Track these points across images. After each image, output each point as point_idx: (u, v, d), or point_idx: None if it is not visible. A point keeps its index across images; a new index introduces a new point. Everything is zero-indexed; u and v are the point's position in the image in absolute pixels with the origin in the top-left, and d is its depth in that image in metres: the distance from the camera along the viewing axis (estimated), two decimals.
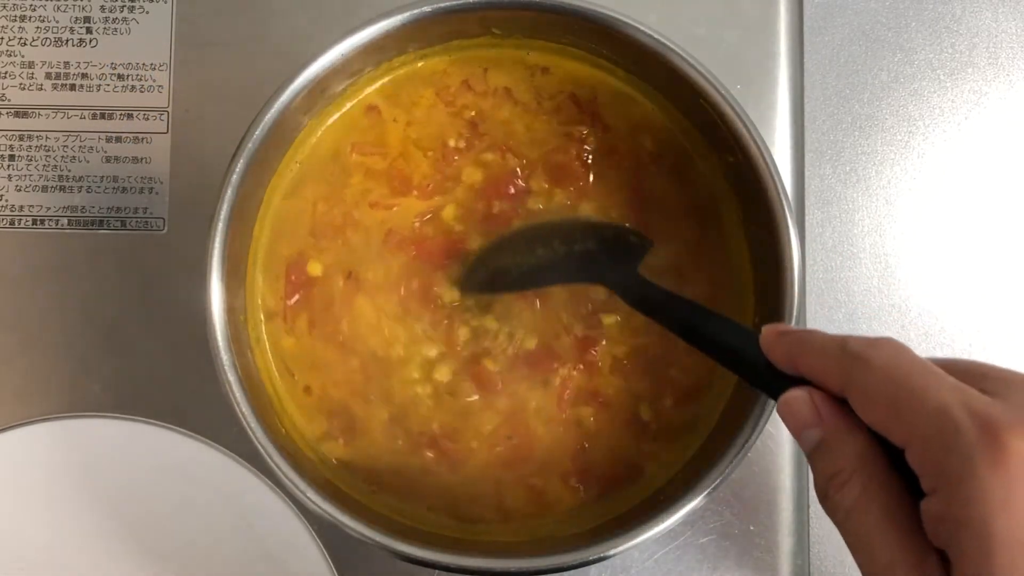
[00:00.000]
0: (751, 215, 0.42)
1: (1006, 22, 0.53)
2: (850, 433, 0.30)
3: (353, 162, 0.43)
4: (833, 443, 0.30)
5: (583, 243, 0.42)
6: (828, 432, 0.30)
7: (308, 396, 0.42)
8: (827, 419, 0.31)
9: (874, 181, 0.52)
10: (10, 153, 0.47)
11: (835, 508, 0.30)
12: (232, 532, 0.45)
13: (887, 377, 0.29)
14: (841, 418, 0.30)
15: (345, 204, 0.43)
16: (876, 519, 0.29)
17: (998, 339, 0.51)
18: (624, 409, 0.42)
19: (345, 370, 0.42)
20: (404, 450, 0.42)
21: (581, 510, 0.42)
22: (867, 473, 0.29)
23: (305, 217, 0.43)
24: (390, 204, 0.43)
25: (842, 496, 0.30)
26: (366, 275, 0.43)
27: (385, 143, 0.43)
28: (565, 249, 0.42)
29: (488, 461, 0.42)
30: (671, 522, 0.38)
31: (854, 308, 0.51)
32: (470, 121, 0.44)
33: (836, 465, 0.30)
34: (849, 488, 0.29)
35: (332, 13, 0.47)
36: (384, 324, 0.42)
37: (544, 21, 0.41)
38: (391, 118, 0.44)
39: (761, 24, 0.48)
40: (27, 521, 0.45)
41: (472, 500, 0.42)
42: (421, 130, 0.44)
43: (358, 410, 0.42)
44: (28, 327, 0.46)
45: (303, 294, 0.43)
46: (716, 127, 0.40)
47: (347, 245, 0.43)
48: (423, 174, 0.43)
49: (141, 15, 0.48)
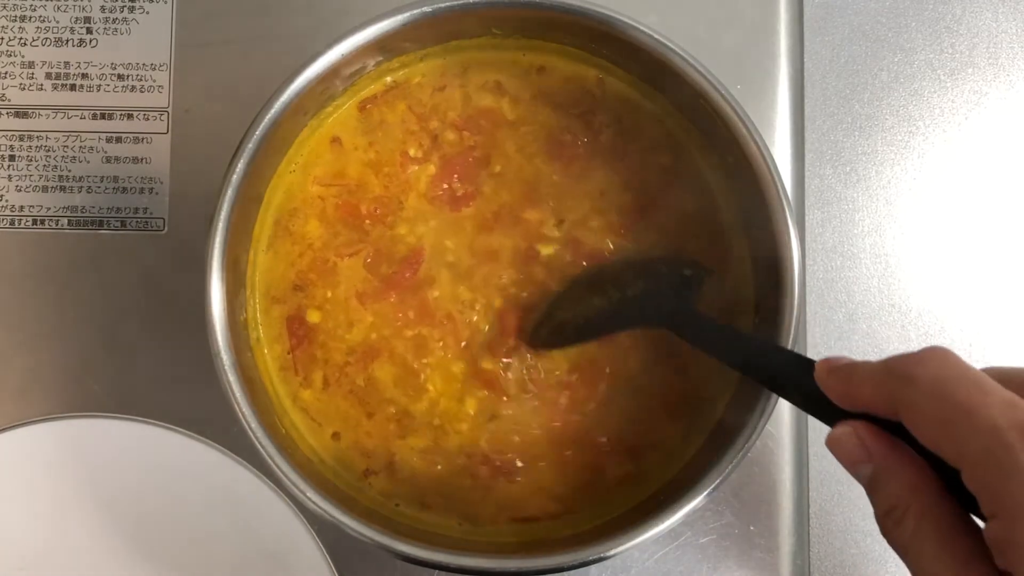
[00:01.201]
0: (751, 215, 0.42)
1: (1006, 22, 0.53)
2: (900, 465, 0.30)
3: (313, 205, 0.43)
4: (884, 478, 0.30)
5: (635, 285, 0.42)
6: (878, 466, 0.30)
7: (338, 442, 0.42)
8: (876, 453, 0.30)
9: (874, 181, 0.52)
10: (10, 153, 0.47)
11: (894, 542, 0.30)
12: (232, 532, 0.45)
13: (934, 394, 0.28)
14: (890, 450, 0.30)
15: (315, 252, 0.43)
16: (933, 550, 0.28)
17: (998, 339, 0.51)
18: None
19: (373, 424, 0.42)
20: (453, 470, 0.42)
21: (621, 491, 0.42)
22: (920, 504, 0.29)
23: (288, 273, 0.43)
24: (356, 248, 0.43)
25: (900, 532, 0.29)
26: (364, 320, 0.43)
27: (346, 174, 0.43)
28: (619, 295, 0.41)
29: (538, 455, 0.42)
30: (671, 522, 0.38)
31: (854, 308, 0.51)
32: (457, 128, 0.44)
33: (890, 500, 0.30)
34: (906, 522, 0.29)
35: (332, 13, 0.47)
36: (400, 378, 0.42)
37: (544, 21, 0.41)
38: (352, 147, 0.44)
39: (761, 24, 0.48)
40: (27, 521, 0.45)
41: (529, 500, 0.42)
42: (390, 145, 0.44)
43: (397, 450, 0.42)
44: (28, 327, 0.46)
45: (307, 345, 0.42)
46: (716, 127, 0.40)
47: (335, 292, 0.43)
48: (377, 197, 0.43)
49: (141, 15, 0.48)
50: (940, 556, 0.28)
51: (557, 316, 0.42)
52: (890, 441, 0.30)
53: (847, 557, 0.50)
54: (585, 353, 0.43)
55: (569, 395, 0.42)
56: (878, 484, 0.30)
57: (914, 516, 0.29)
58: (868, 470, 0.31)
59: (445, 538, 0.41)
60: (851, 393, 0.31)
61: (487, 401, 0.42)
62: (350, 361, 0.42)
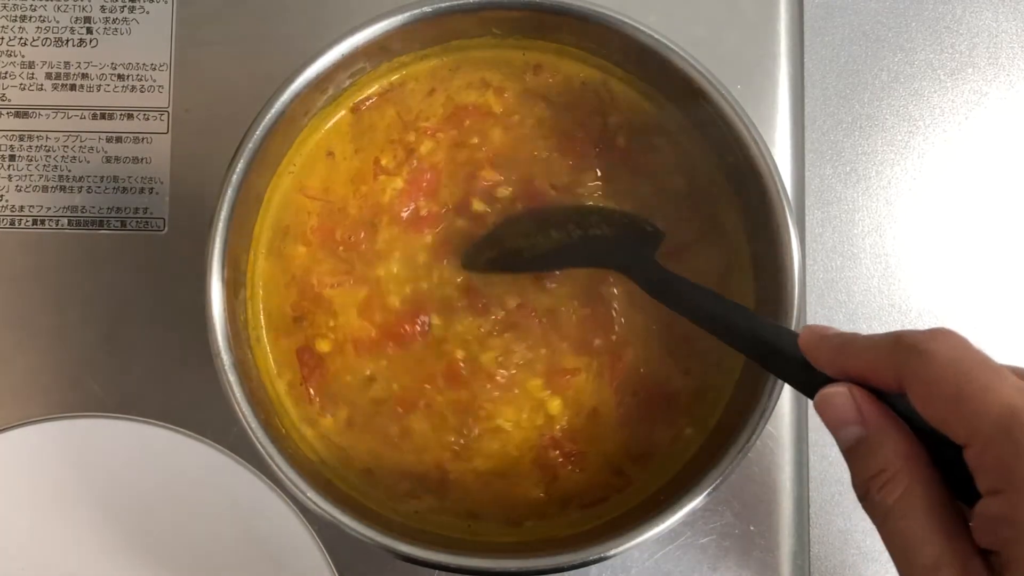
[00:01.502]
0: (751, 215, 0.42)
1: (1006, 22, 0.53)
2: (894, 431, 0.30)
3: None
4: (876, 441, 0.30)
5: (598, 228, 0.42)
6: (871, 430, 0.30)
7: (371, 476, 0.42)
8: (869, 416, 0.30)
9: (874, 181, 0.52)
10: (10, 153, 0.47)
11: (876, 507, 0.30)
12: (232, 532, 0.45)
13: (951, 370, 0.28)
14: (884, 416, 0.30)
15: (311, 284, 0.43)
16: (921, 519, 0.28)
17: (998, 339, 0.51)
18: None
19: (406, 456, 0.42)
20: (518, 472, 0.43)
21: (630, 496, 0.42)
22: (911, 472, 0.29)
23: (285, 305, 0.43)
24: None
25: (884, 495, 0.29)
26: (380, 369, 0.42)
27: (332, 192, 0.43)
28: (580, 233, 0.41)
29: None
30: (671, 522, 0.38)
31: (854, 308, 0.51)
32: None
33: (878, 464, 0.30)
34: (892, 487, 0.29)
35: (332, 13, 0.47)
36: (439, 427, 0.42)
37: (544, 21, 0.41)
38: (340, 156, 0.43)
39: (761, 24, 0.48)
40: (27, 521, 0.45)
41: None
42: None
43: (451, 469, 0.42)
44: (28, 327, 0.46)
45: (320, 376, 0.42)
46: (716, 127, 0.40)
47: (337, 323, 0.43)
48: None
49: (141, 15, 0.48)
50: (927, 525, 0.28)
51: (509, 243, 0.42)
52: (884, 407, 0.30)
53: (847, 557, 0.50)
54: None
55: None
56: (867, 448, 0.30)
57: (903, 483, 0.29)
58: (856, 433, 0.30)
59: (445, 538, 0.41)
60: (844, 361, 0.31)
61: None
62: (380, 411, 0.42)
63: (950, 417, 0.28)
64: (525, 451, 0.42)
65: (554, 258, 0.42)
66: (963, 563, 0.28)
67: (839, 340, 0.32)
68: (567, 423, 0.42)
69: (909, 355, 0.29)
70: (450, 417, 0.42)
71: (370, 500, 0.42)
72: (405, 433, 0.42)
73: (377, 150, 0.43)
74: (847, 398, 0.31)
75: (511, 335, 0.42)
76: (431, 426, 0.42)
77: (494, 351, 0.42)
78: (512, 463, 0.42)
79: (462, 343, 0.42)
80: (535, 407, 0.42)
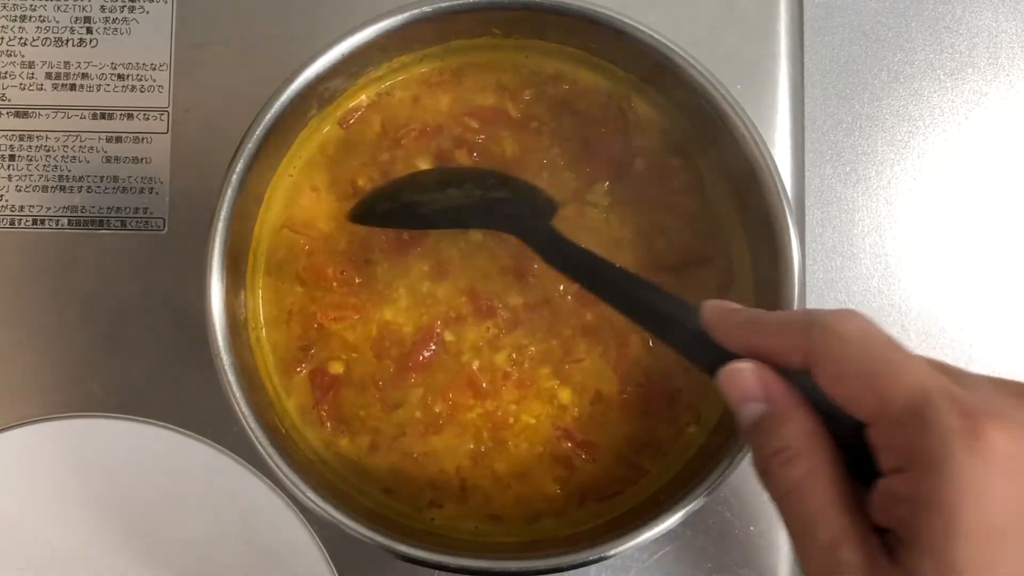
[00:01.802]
0: (751, 215, 0.42)
1: (1006, 22, 0.53)
2: (798, 409, 0.30)
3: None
4: (780, 419, 0.30)
5: (498, 192, 0.41)
6: (776, 407, 0.30)
7: (391, 496, 0.42)
8: (775, 393, 0.30)
9: (874, 181, 0.52)
10: (10, 153, 0.47)
11: (777, 485, 0.30)
12: (232, 532, 0.45)
13: (863, 348, 0.29)
14: (789, 393, 0.30)
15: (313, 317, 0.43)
16: (822, 496, 0.29)
17: (998, 339, 0.51)
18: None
19: (428, 469, 0.42)
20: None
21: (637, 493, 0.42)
22: (815, 450, 0.29)
23: (292, 343, 0.43)
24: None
25: (786, 473, 0.29)
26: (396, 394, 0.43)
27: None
28: (480, 193, 0.41)
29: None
30: (671, 522, 0.38)
31: (853, 308, 0.51)
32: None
33: (782, 441, 0.30)
34: (794, 465, 0.29)
35: (332, 13, 0.47)
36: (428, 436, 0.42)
37: (544, 21, 0.41)
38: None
39: (761, 24, 0.48)
40: (27, 521, 0.45)
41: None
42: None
43: (468, 476, 0.42)
44: (28, 327, 0.46)
45: (333, 400, 0.42)
46: (716, 127, 0.40)
47: (345, 351, 0.43)
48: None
49: (141, 15, 0.48)
50: (829, 502, 0.28)
51: (405, 197, 0.41)
52: (790, 384, 0.30)
53: None
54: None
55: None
56: (771, 425, 0.30)
57: (807, 459, 0.29)
58: (759, 409, 0.31)
59: (445, 538, 0.41)
60: (751, 338, 0.32)
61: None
62: (406, 432, 0.42)
63: (859, 395, 0.28)
64: (539, 445, 0.42)
65: (452, 216, 0.41)
66: (862, 539, 0.28)
67: (746, 316, 0.32)
68: (578, 412, 0.43)
69: (823, 333, 0.29)
70: (473, 426, 0.42)
71: (391, 512, 0.42)
72: (429, 449, 0.42)
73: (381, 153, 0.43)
74: (753, 374, 0.31)
75: (520, 332, 0.43)
76: (455, 436, 0.42)
77: (506, 350, 0.43)
78: (532, 460, 0.42)
79: (475, 350, 0.43)
80: (548, 399, 0.43)
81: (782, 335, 0.31)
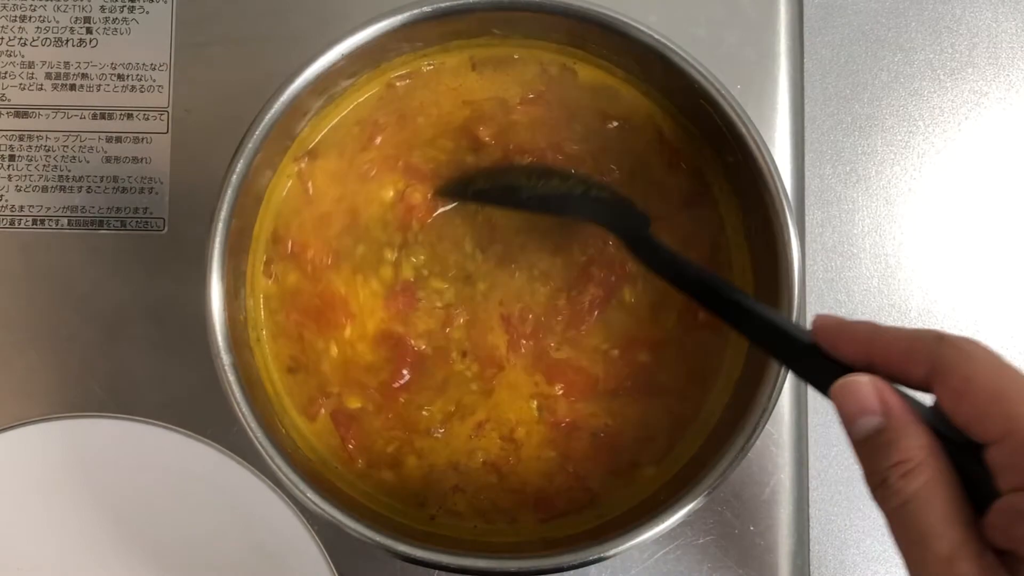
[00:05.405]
0: (751, 215, 0.42)
1: (1006, 22, 0.53)
2: (916, 423, 0.30)
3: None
4: (899, 432, 0.30)
5: (600, 192, 0.42)
6: (894, 421, 0.30)
7: (391, 496, 0.42)
8: (894, 407, 0.30)
9: (874, 181, 0.52)
10: (10, 153, 0.47)
11: (893, 496, 0.30)
12: (232, 532, 0.45)
13: (991, 370, 0.29)
14: (907, 408, 0.30)
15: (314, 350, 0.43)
16: (941, 509, 0.29)
17: (998, 339, 0.51)
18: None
19: (431, 474, 0.42)
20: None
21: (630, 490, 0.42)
22: (934, 463, 0.29)
23: (309, 386, 0.42)
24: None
25: (905, 484, 0.29)
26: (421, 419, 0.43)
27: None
28: (583, 188, 0.42)
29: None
30: (671, 522, 0.38)
31: (854, 308, 0.51)
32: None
33: (901, 454, 0.30)
34: (914, 477, 0.29)
35: (332, 13, 0.47)
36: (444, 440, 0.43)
37: (544, 22, 0.41)
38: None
39: (761, 24, 0.48)
40: (27, 521, 0.45)
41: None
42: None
43: (468, 477, 0.43)
44: (28, 327, 0.46)
45: (357, 436, 0.42)
46: (716, 127, 0.40)
47: (359, 387, 0.43)
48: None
49: (141, 15, 0.48)
50: (946, 516, 0.29)
51: (506, 180, 0.42)
52: (907, 398, 0.31)
53: (847, 557, 0.50)
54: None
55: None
56: (889, 438, 0.30)
57: (927, 472, 0.29)
58: (873, 423, 0.31)
59: (445, 538, 0.41)
60: (872, 351, 0.32)
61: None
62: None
63: (984, 413, 0.29)
64: (540, 445, 0.43)
65: (554, 203, 0.42)
66: (979, 553, 0.28)
67: (868, 328, 0.32)
68: (578, 412, 0.43)
69: (954, 349, 0.30)
70: (474, 426, 0.42)
71: (391, 512, 0.42)
72: (430, 449, 0.43)
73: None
74: (870, 387, 0.31)
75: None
76: (456, 436, 0.42)
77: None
78: (532, 460, 0.43)
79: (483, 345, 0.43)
80: (548, 398, 0.43)
81: (908, 349, 0.31)
